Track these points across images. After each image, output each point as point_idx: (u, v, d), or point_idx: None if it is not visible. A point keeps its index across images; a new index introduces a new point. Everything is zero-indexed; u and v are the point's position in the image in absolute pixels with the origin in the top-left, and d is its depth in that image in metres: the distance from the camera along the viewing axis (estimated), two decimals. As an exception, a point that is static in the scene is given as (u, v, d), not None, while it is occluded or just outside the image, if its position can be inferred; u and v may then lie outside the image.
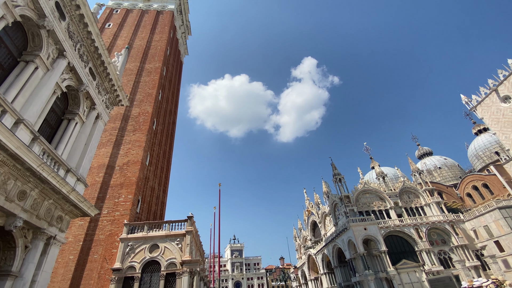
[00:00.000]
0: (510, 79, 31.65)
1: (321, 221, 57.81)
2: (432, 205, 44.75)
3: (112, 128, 28.30)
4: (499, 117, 33.15)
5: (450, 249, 40.09)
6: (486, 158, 56.46)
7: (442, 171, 67.00)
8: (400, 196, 46.66)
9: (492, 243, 38.79)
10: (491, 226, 39.07)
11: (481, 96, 35.49)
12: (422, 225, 41.38)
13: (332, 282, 52.08)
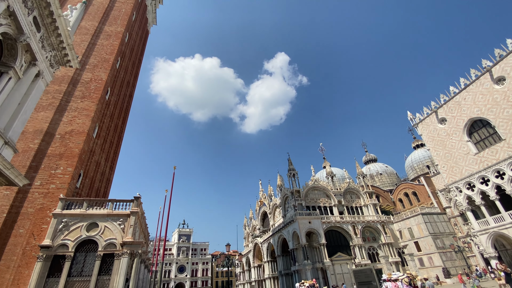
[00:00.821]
0: (448, 104, 36.42)
1: (272, 212, 60.20)
2: (370, 206, 49.87)
3: (56, 91, 25.05)
4: (434, 135, 38.08)
5: (378, 246, 45.42)
6: (419, 170, 64.67)
7: (382, 177, 74.82)
8: (344, 195, 50.91)
9: (412, 243, 45.04)
10: (413, 229, 45.22)
11: (423, 115, 40.21)
12: (358, 223, 45.93)
13: (274, 270, 55.11)
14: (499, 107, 30.41)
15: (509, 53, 29.84)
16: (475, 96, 33.33)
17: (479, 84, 32.99)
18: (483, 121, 32.45)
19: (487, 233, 30.90)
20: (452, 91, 36.30)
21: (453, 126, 35.86)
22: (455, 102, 35.85)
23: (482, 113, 32.20)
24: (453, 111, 36.07)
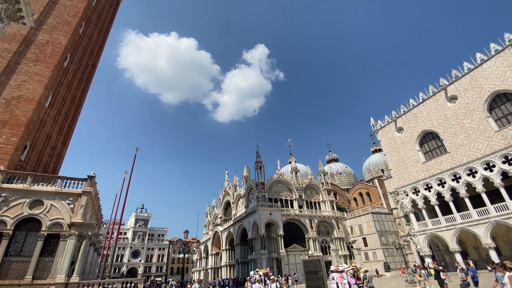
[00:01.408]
0: (407, 115, 39.71)
1: (235, 202, 60.71)
2: (327, 202, 52.89)
3: (5, 49, 21.95)
4: (391, 142, 41.41)
5: (331, 240, 48.61)
6: (374, 173, 69.95)
7: (341, 176, 79.58)
8: (305, 190, 53.22)
9: (361, 239, 48.95)
10: (363, 226, 49.09)
11: (384, 123, 43.38)
12: (315, 217, 48.53)
13: (231, 258, 56.07)
14: (449, 122, 33.95)
15: (463, 75, 33.23)
16: (430, 111, 36.72)
17: (434, 100, 36.37)
18: (433, 133, 36.00)
19: (424, 234, 34.83)
20: (411, 104, 39.54)
21: (408, 136, 39.22)
22: (412, 114, 39.14)
23: (434, 127, 35.69)
24: (409, 122, 39.39)
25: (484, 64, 31.07)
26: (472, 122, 31.35)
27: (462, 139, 31.98)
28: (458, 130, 32.62)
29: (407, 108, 40.09)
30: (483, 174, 29.22)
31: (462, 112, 32.59)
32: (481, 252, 33.29)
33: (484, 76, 30.89)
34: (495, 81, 29.80)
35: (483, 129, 30.10)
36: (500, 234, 30.83)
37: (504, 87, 28.79)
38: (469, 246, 35.11)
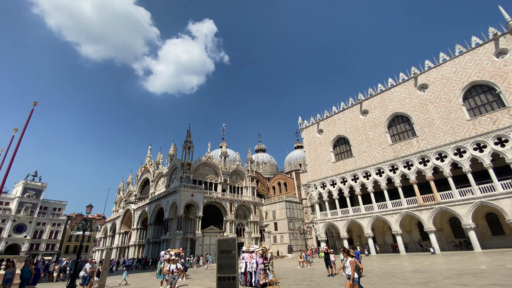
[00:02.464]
0: (328, 120, 44.95)
1: (155, 180, 56.98)
2: (249, 188, 55.51)
3: None
4: (311, 141, 46.29)
5: (247, 223, 51.51)
6: (293, 166, 77.07)
7: (266, 166, 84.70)
8: (231, 175, 54.34)
9: (272, 224, 53.54)
10: (276, 212, 53.73)
11: (309, 123, 47.98)
12: (236, 201, 50.36)
13: (142, 238, 52.92)
14: (358, 132, 40.00)
15: (376, 94, 39.40)
16: (346, 119, 42.40)
17: (351, 111, 42.11)
18: (345, 139, 41.85)
19: (324, 222, 40.70)
20: (333, 110, 44.77)
21: (325, 138, 44.46)
22: (332, 119, 44.43)
23: (346, 133, 41.47)
24: (329, 126, 44.63)
25: (392, 89, 37.64)
26: (374, 135, 37.81)
27: (365, 147, 38.32)
28: (364, 139, 38.87)
29: (329, 113, 45.23)
30: (374, 177, 35.90)
31: (369, 125, 38.89)
32: (362, 241, 41.26)
33: (390, 98, 37.49)
34: (397, 104, 36.56)
35: (381, 141, 36.75)
36: (378, 226, 38.81)
37: (402, 110, 35.67)
38: (355, 235, 43.02)
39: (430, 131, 32.23)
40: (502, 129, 26.89)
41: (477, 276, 11.92)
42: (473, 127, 29.03)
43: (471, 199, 27.59)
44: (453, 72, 32.07)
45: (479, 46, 30.70)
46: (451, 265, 17.08)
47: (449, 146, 30.16)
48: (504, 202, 25.61)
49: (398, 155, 34.35)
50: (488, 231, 30.30)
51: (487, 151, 27.46)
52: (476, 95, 30.21)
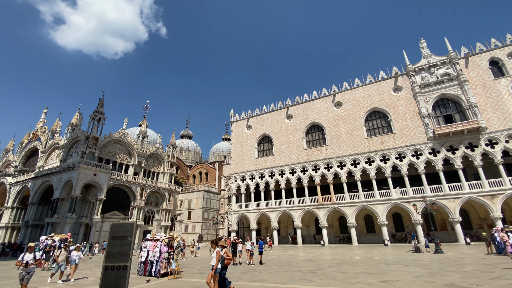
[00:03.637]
0: (257, 117, 46.94)
1: (47, 151, 46.82)
2: (167, 174, 52.26)
3: None
4: (239, 136, 47.24)
5: (158, 211, 48.37)
6: (218, 157, 76.99)
7: (189, 154, 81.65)
8: (147, 158, 49.82)
9: (187, 212, 52.07)
10: (193, 201, 52.51)
11: (240, 117, 48.75)
12: (149, 187, 46.56)
13: (18, 219, 42.86)
14: (281, 133, 42.99)
15: (301, 103, 43.13)
16: (273, 120, 44.94)
17: (278, 113, 44.89)
18: (269, 138, 44.35)
19: (237, 213, 42.14)
20: (263, 109, 46.79)
21: (253, 134, 46.07)
22: (261, 118, 46.39)
23: (271, 133, 44.01)
24: (257, 123, 46.43)
25: (315, 100, 41.98)
26: (294, 138, 41.43)
27: (285, 148, 41.57)
28: (285, 140, 42.10)
29: (259, 112, 47.06)
30: (288, 176, 39.41)
31: (291, 129, 42.36)
32: (268, 232, 44.73)
33: (312, 108, 41.74)
34: (316, 115, 40.98)
35: (299, 145, 40.59)
36: (283, 220, 42.76)
37: (319, 121, 40.21)
38: (263, 226, 46.27)
39: (337, 142, 37.53)
40: (387, 150, 33.73)
41: (353, 265, 14.47)
42: (367, 144, 35.35)
43: (356, 203, 33.60)
44: (362, 97, 38.20)
45: (383, 80, 37.52)
46: (335, 256, 20.28)
47: (348, 157, 35.83)
48: (378, 207, 32.25)
49: (310, 159, 38.66)
50: (364, 229, 37.67)
51: (374, 165, 33.92)
52: (374, 119, 36.87)
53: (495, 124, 29.06)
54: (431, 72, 34.11)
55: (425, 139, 31.96)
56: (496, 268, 11.38)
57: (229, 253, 8.25)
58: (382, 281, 9.63)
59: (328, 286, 9.07)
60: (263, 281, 10.44)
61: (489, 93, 30.47)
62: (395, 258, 17.48)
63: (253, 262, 16.58)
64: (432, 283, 8.87)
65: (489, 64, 31.70)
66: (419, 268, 12.39)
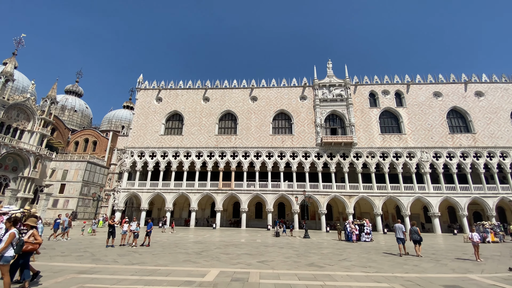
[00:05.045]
0: (172, 91, 43.21)
1: None
2: (37, 134, 41.24)
3: None
4: (146, 106, 42.22)
5: (15, 178, 37.70)
6: (114, 126, 66.69)
7: (74, 114, 67.02)
8: (8, 109, 37.76)
9: (59, 185, 42.76)
10: (70, 172, 43.60)
11: (151, 86, 43.48)
12: (4, 146, 35.49)
13: None
14: (195, 114, 41.24)
15: (220, 88, 42.60)
16: (189, 98, 42.52)
17: (196, 93, 42.77)
18: (181, 116, 41.80)
19: (128, 192, 37.88)
20: (179, 84, 43.52)
21: (162, 108, 42.22)
22: (175, 93, 43.06)
23: (184, 112, 41.57)
24: (170, 98, 42.84)
25: (234, 89, 42.38)
26: (207, 122, 40.64)
27: (196, 130, 40.25)
28: (197, 122, 40.73)
29: (175, 86, 43.57)
30: (193, 159, 38.43)
31: (206, 112, 41.38)
32: (161, 214, 42.53)
33: (230, 96, 41.98)
34: (232, 103, 41.48)
35: (210, 130, 40.13)
36: (180, 202, 41.42)
37: (235, 110, 40.92)
38: (155, 208, 43.61)
39: (246, 134, 39.36)
40: (285, 148, 37.91)
41: (238, 247, 15.50)
42: (271, 140, 38.71)
43: (251, 190, 36.42)
44: (275, 97, 41.34)
45: (294, 86, 41.75)
46: (223, 238, 21.28)
47: (253, 149, 38.25)
48: (269, 196, 36.04)
49: (219, 145, 38.99)
50: (254, 215, 41.39)
51: (272, 159, 37.52)
52: (281, 119, 40.69)
53: (363, 142, 37.51)
54: (330, 90, 40.48)
55: (314, 144, 37.83)
56: (344, 252, 14.69)
57: (38, 236, 6.49)
58: (259, 261, 10.69)
59: (211, 267, 9.31)
60: (142, 264, 9.69)
61: (363, 117, 38.92)
62: (273, 241, 19.98)
63: (135, 244, 15.25)
64: (298, 263, 10.53)
65: (369, 95, 40.45)
66: (291, 250, 14.55)
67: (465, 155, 35.99)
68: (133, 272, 8.32)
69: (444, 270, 9.61)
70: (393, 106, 39.37)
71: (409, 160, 36.11)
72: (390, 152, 36.64)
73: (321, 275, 8.19)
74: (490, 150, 35.79)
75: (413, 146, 36.72)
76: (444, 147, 36.38)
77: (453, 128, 38.08)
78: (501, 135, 36.54)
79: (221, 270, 8.69)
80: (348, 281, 7.55)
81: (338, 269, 9.28)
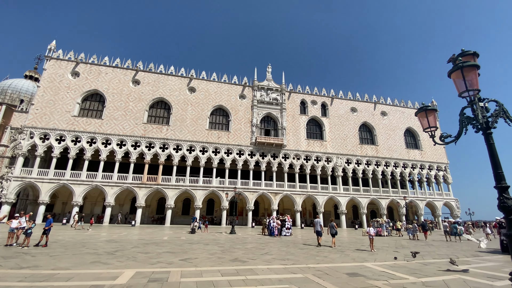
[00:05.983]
0: (94, 67, 36.95)
1: None
2: None
3: None
4: (56, 80, 34.87)
5: None
6: (10, 98, 53.12)
7: None
8: None
9: None
10: None
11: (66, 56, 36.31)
12: None
13: None
14: (120, 97, 36.57)
15: (154, 72, 39.08)
16: (114, 77, 37.42)
17: (124, 73, 38.04)
18: (102, 97, 36.47)
19: (22, 181, 30.72)
20: (104, 60, 37.91)
21: (79, 85, 35.90)
22: (98, 69, 37.27)
23: (107, 92, 36.39)
24: (90, 74, 36.78)
25: (170, 76, 39.52)
26: (135, 107, 36.58)
27: (120, 115, 35.78)
28: (122, 106, 36.27)
29: (98, 61, 37.76)
30: (114, 147, 34.07)
31: (135, 96, 37.25)
32: (67, 208, 36.22)
33: (165, 83, 38.94)
34: (167, 91, 38.60)
35: (138, 116, 36.31)
36: (92, 196, 36.05)
37: (169, 99, 38.17)
38: (60, 201, 36.86)
39: (180, 125, 37.33)
40: (221, 144, 37.64)
41: (159, 245, 14.48)
42: (206, 135, 37.79)
43: (181, 186, 34.77)
44: (215, 91, 40.57)
45: (235, 84, 41.86)
46: (143, 236, 19.57)
47: (186, 142, 36.57)
48: (199, 192, 35.12)
49: (147, 135, 35.72)
50: (180, 211, 39.63)
51: (206, 154, 36.70)
52: (219, 115, 40.23)
53: (291, 144, 40.55)
54: (268, 93, 42.29)
55: (249, 143, 38.86)
56: (266, 246, 15.48)
57: None
58: (182, 259, 10.24)
59: (125, 268, 8.38)
60: (36, 268, 7.98)
61: (294, 122, 42.11)
62: (199, 237, 19.55)
63: (27, 244, 12.53)
64: (222, 259, 10.55)
65: (300, 103, 44.01)
66: (216, 247, 14.49)
67: (369, 162, 43.19)
68: (22, 277, 6.76)
69: (347, 260, 11.22)
70: (319, 115, 43.96)
71: (327, 164, 41.04)
72: (312, 156, 40.80)
73: (243, 270, 8.40)
74: (387, 160, 43.94)
75: (331, 152, 41.86)
76: (354, 155, 42.77)
77: (362, 139, 45.15)
78: (395, 149, 45.32)
79: (138, 271, 7.93)
80: (268, 274, 7.96)
81: (260, 263, 9.71)
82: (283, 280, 7.29)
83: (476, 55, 4.52)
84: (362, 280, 7.50)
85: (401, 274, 8.47)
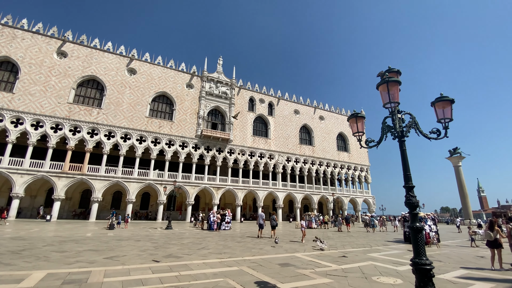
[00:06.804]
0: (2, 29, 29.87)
1: None
2: None
3: None
4: None
5: None
6: None
7: None
8: None
9: None
10: None
11: None
12: None
13: None
14: (40, 68, 30.68)
15: (86, 46, 33.99)
16: (33, 45, 31.23)
17: (47, 41, 32.09)
18: (15, 66, 30.01)
19: None
20: (20, 24, 31.25)
21: None
22: (11, 33, 30.56)
23: (22, 62, 30.17)
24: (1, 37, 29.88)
25: (108, 53, 34.96)
26: (58, 84, 31.10)
27: (38, 90, 29.98)
28: (43, 81, 30.43)
29: (14, 24, 30.87)
30: (27, 128, 28.45)
31: (60, 70, 31.67)
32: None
33: (100, 60, 34.25)
34: (102, 69, 34.04)
35: (62, 94, 31.02)
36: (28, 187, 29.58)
37: (103, 78, 33.73)
38: None
39: (115, 110, 33.51)
40: (162, 134, 35.28)
41: (79, 243, 12.74)
42: (146, 123, 34.89)
43: (111, 177, 31.32)
44: (158, 77, 37.69)
45: (182, 72, 39.67)
46: (60, 233, 16.97)
47: (121, 129, 33.06)
48: (133, 185, 32.25)
49: (72, 117, 30.93)
50: (109, 205, 35.79)
51: (144, 144, 33.93)
52: (161, 102, 37.55)
53: (238, 140, 40.79)
54: (217, 86, 41.49)
55: (194, 135, 37.51)
56: (203, 241, 15.22)
57: None
58: (107, 257, 9.25)
59: (34, 269, 7.11)
60: None
61: (242, 118, 42.35)
62: (130, 234, 18.00)
63: None
64: (155, 255, 9.92)
65: (249, 100, 44.56)
66: (149, 243, 13.56)
67: (306, 161, 46.75)
68: None
69: (280, 251, 11.90)
70: (266, 114, 45.35)
71: (269, 161, 42.76)
72: (257, 152, 41.93)
73: (177, 266, 8.07)
74: (321, 160, 48.25)
75: (274, 149, 43.76)
76: (294, 153, 45.66)
77: (302, 140, 48.51)
78: (329, 150, 50.12)
79: (50, 272, 6.81)
80: (203, 268, 7.84)
81: (195, 258, 9.48)
82: (218, 273, 7.28)
83: (399, 73, 5.27)
84: (292, 269, 8.06)
85: (326, 262, 9.43)
